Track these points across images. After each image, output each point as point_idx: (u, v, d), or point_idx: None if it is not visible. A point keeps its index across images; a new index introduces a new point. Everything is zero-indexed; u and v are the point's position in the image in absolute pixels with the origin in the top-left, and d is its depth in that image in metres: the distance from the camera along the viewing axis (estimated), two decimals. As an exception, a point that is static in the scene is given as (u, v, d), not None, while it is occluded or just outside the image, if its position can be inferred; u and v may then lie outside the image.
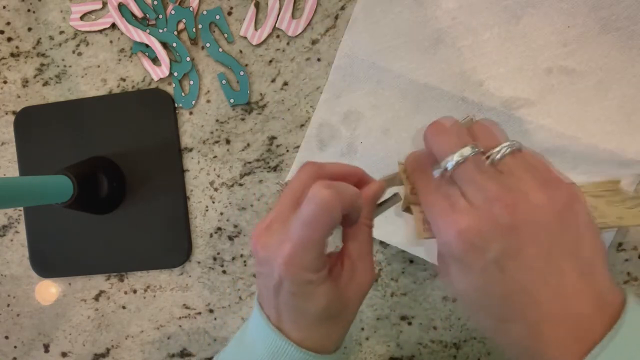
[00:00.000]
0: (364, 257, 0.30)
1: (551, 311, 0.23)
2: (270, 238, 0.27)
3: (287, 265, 0.26)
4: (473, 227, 0.24)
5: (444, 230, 0.25)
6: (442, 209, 0.25)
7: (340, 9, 0.48)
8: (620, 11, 0.42)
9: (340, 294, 0.28)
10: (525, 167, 0.25)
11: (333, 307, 0.28)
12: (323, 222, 0.26)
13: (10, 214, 0.56)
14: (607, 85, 0.43)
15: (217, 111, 0.50)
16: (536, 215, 0.23)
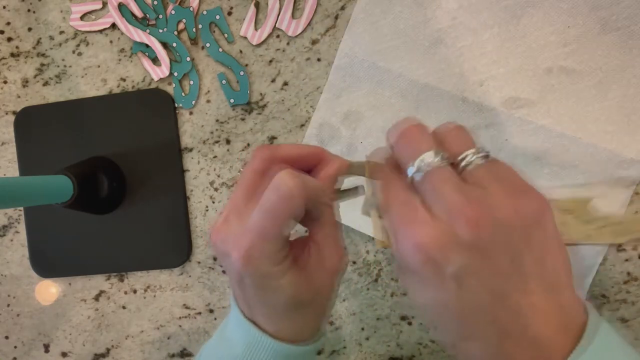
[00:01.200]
0: (329, 240, 0.28)
1: (512, 332, 0.22)
2: (228, 231, 0.26)
3: (245, 259, 0.25)
4: (432, 240, 0.22)
5: (401, 241, 0.23)
6: (401, 218, 0.24)
7: (340, 9, 0.48)
8: (620, 11, 0.42)
9: (308, 281, 0.27)
10: (494, 177, 0.23)
11: (302, 296, 0.27)
12: (284, 212, 0.25)
13: (10, 214, 0.56)
14: (607, 86, 0.43)
15: (217, 111, 0.50)
16: (500, 232, 0.22)
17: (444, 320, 0.24)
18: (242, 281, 0.26)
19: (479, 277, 0.22)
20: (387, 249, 0.48)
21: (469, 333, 0.23)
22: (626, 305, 0.44)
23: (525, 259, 0.22)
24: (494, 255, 0.22)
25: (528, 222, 0.22)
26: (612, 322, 0.45)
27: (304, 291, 0.27)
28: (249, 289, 0.27)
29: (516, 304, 0.22)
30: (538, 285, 0.22)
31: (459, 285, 0.22)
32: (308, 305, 0.28)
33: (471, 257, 0.22)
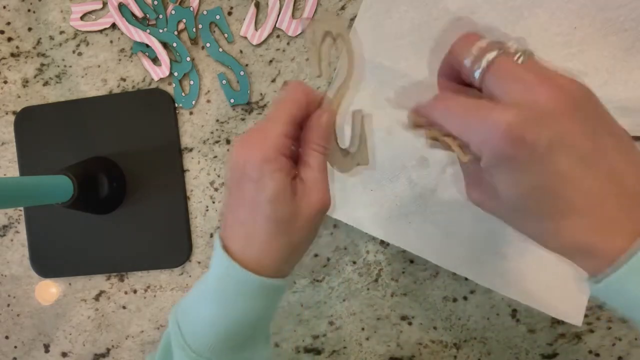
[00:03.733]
0: (316, 183, 0.30)
1: (604, 193, 0.23)
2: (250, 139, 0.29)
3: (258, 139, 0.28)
4: (519, 119, 0.23)
5: (489, 133, 0.23)
6: (481, 113, 0.24)
7: (341, 8, 0.48)
8: (627, 12, 0.42)
9: (291, 194, 0.29)
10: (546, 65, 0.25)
11: (283, 212, 0.28)
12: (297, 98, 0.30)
13: (10, 214, 0.56)
14: (613, 87, 0.43)
15: (218, 111, 0.50)
16: (575, 99, 0.23)
17: (538, 203, 0.24)
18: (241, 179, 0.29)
19: (569, 146, 0.23)
20: (386, 249, 0.48)
21: (564, 209, 0.24)
22: (626, 305, 0.44)
23: (600, 122, 0.24)
24: (577, 122, 0.23)
25: (590, 92, 0.24)
26: (612, 322, 0.45)
27: (285, 199, 0.28)
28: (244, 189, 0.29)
29: (604, 165, 0.23)
30: (614, 147, 0.24)
31: (552, 161, 0.23)
32: (284, 228, 0.29)
33: (558, 127, 0.23)
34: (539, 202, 0.24)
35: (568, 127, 0.23)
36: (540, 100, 0.23)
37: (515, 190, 0.25)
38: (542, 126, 0.23)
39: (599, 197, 0.23)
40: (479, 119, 0.24)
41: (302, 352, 0.50)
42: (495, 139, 0.23)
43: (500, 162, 0.24)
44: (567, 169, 0.23)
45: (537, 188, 0.24)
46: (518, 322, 0.46)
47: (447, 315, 0.47)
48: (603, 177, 0.23)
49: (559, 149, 0.23)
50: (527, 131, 0.23)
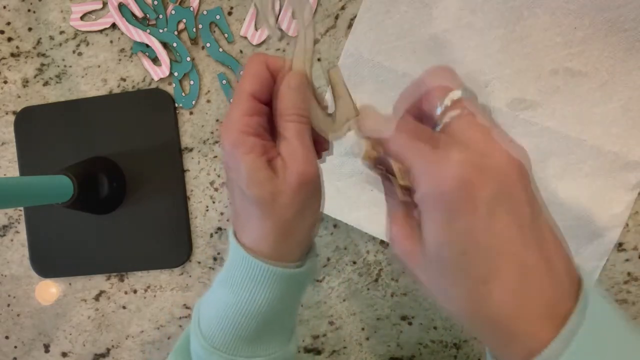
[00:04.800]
0: (294, 154, 0.28)
1: (537, 269, 0.22)
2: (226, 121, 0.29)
3: (225, 126, 0.28)
4: (471, 164, 0.22)
5: (437, 170, 0.23)
6: (434, 148, 0.24)
7: (341, 9, 0.48)
8: (627, 13, 0.42)
9: (268, 174, 0.27)
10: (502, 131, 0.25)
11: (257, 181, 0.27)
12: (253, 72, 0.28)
13: (10, 214, 0.56)
14: (613, 87, 0.43)
15: (218, 111, 0.50)
16: (523, 168, 0.23)
17: (468, 259, 0.23)
18: (229, 178, 0.29)
19: (509, 204, 0.22)
20: (387, 250, 0.48)
21: (492, 271, 0.23)
22: (626, 305, 0.44)
23: (537, 206, 0.23)
24: (519, 193, 0.23)
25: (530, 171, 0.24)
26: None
27: (265, 189, 0.27)
28: (233, 188, 0.29)
29: (540, 245, 0.23)
30: (546, 222, 0.23)
31: (490, 215, 0.22)
32: (269, 211, 0.28)
33: (501, 186, 0.22)
34: (467, 256, 0.23)
35: (514, 190, 0.23)
36: (496, 156, 0.23)
37: (443, 236, 0.23)
38: (492, 179, 0.22)
39: (532, 271, 0.22)
40: (432, 155, 0.23)
41: (302, 352, 0.50)
42: (444, 172, 0.22)
43: (439, 198, 0.23)
44: (504, 230, 0.22)
45: (469, 241, 0.22)
46: (518, 322, 0.46)
47: (447, 315, 0.47)
48: (537, 252, 0.23)
49: (501, 206, 0.22)
50: (477, 176, 0.22)
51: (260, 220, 0.28)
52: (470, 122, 0.24)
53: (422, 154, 0.24)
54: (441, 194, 0.22)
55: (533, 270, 0.22)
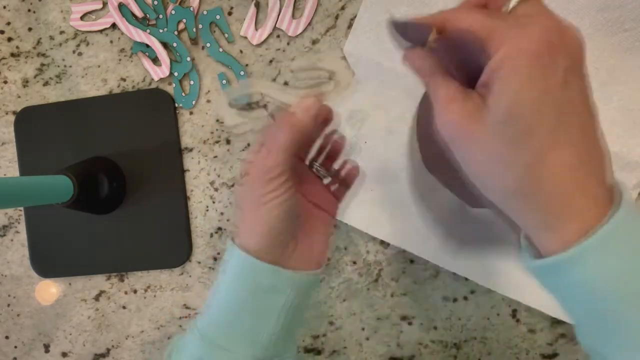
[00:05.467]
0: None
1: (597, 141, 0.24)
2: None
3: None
4: (558, 28, 0.23)
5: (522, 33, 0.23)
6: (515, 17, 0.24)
7: (341, 9, 0.48)
8: (627, 13, 0.42)
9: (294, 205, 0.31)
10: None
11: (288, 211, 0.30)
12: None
13: (10, 214, 0.56)
14: (613, 87, 0.43)
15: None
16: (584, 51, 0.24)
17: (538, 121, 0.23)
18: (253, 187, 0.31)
19: (580, 79, 0.23)
20: (387, 250, 0.48)
21: (559, 137, 0.23)
22: (626, 305, 0.44)
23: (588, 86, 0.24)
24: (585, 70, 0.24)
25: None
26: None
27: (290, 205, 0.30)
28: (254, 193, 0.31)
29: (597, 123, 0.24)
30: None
31: (565, 82, 0.23)
32: (289, 225, 0.31)
33: (576, 58, 0.23)
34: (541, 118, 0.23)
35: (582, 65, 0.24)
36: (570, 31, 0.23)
37: (520, 97, 0.22)
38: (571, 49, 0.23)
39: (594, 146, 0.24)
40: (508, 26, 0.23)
41: (302, 352, 0.50)
42: (530, 34, 0.22)
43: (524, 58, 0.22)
44: (576, 99, 0.23)
45: (546, 102, 0.23)
46: (518, 322, 0.46)
47: (447, 315, 0.47)
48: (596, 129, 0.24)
49: (575, 77, 0.23)
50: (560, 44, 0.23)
51: (277, 229, 0.31)
52: (542, 7, 0.24)
53: (502, 20, 0.23)
54: (527, 54, 0.22)
55: (594, 146, 0.23)
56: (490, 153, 0.24)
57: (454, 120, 0.24)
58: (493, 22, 0.23)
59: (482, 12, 0.24)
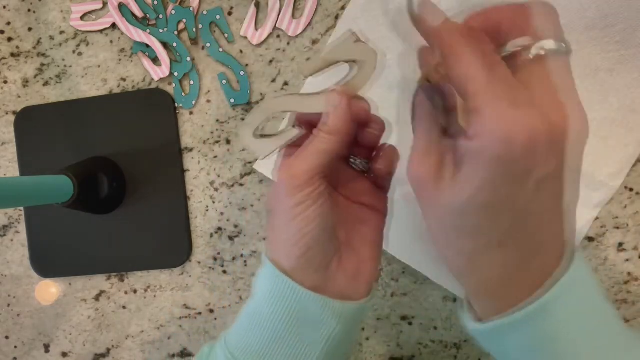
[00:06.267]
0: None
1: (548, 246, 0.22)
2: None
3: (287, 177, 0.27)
4: (548, 133, 0.20)
5: (511, 124, 0.20)
6: (511, 98, 0.20)
7: (341, 9, 0.48)
8: (613, 34, 0.42)
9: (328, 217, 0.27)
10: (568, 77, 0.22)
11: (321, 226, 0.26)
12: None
13: (10, 214, 0.56)
14: (590, 106, 0.43)
15: (218, 111, 0.50)
16: (585, 142, 0.22)
17: (491, 224, 0.22)
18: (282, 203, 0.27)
19: (554, 188, 0.22)
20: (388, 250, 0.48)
21: (509, 240, 0.22)
22: (627, 305, 0.44)
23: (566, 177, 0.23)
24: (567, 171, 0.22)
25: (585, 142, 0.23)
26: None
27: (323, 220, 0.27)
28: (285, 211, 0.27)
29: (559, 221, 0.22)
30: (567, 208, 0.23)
31: (536, 191, 0.21)
32: (323, 239, 0.27)
33: (560, 164, 0.21)
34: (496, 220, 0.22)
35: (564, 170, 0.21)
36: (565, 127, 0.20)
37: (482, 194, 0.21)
38: (554, 157, 0.21)
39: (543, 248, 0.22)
40: (510, 103, 0.20)
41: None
42: (512, 135, 0.20)
43: (496, 159, 0.20)
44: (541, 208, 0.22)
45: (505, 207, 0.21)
46: (518, 322, 0.46)
47: (447, 315, 0.47)
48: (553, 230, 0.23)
49: (549, 184, 0.21)
50: (543, 152, 0.20)
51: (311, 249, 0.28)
52: (552, 79, 0.21)
53: (496, 99, 0.20)
54: (501, 157, 0.20)
55: (544, 247, 0.22)
56: (440, 227, 0.24)
57: (422, 176, 0.23)
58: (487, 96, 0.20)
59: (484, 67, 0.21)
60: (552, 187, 0.21)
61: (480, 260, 0.23)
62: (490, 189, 0.21)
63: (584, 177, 0.42)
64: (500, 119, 0.20)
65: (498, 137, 0.20)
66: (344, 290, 0.28)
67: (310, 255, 0.27)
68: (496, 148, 0.20)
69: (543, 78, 0.21)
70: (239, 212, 0.51)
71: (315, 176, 0.26)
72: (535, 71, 0.22)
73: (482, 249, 0.23)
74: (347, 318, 0.28)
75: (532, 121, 0.20)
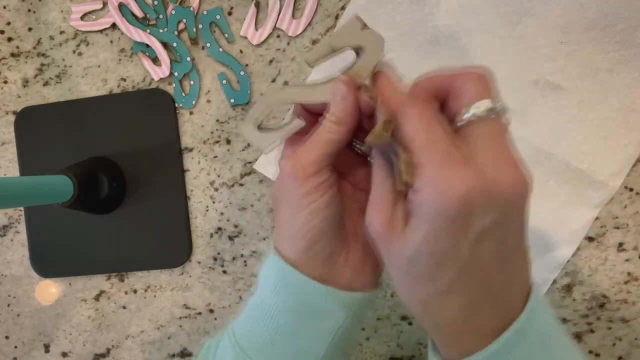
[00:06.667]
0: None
1: (496, 295, 0.23)
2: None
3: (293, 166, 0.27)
4: (483, 190, 0.21)
5: (447, 182, 0.21)
6: (450, 156, 0.22)
7: (341, 9, 0.48)
8: (613, 34, 0.42)
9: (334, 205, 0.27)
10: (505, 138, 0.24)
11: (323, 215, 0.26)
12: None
13: (10, 214, 0.56)
14: (590, 106, 0.43)
15: (218, 111, 0.50)
16: (527, 193, 0.23)
17: (438, 272, 0.23)
18: (289, 192, 0.26)
19: (497, 239, 0.22)
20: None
21: (457, 287, 0.23)
22: (626, 305, 0.44)
23: (523, 231, 0.24)
24: (515, 221, 0.23)
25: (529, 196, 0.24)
26: (613, 322, 0.45)
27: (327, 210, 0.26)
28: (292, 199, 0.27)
29: (511, 270, 0.23)
30: (524, 257, 0.24)
31: (477, 242, 0.22)
32: (324, 232, 0.27)
33: (500, 217, 0.22)
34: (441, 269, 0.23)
35: (510, 222, 0.23)
36: (507, 182, 0.22)
37: (426, 245, 0.22)
38: (495, 210, 0.22)
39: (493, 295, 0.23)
40: (447, 161, 0.22)
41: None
42: (451, 190, 0.21)
43: (436, 213, 0.22)
44: (484, 258, 0.23)
45: (448, 257, 0.22)
46: (518, 322, 0.46)
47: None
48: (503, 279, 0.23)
49: (492, 235, 0.22)
50: (481, 205, 0.21)
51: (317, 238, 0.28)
52: (492, 135, 0.23)
53: (436, 157, 0.22)
54: (440, 211, 0.22)
55: (494, 295, 0.23)
56: (397, 273, 0.25)
57: (376, 227, 0.24)
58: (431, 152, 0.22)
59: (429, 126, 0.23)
60: (496, 238, 0.22)
61: (432, 306, 0.24)
62: (433, 239, 0.22)
63: (584, 177, 0.43)
64: (438, 176, 0.22)
65: (435, 194, 0.22)
66: (351, 281, 0.28)
67: (317, 247, 0.27)
68: (435, 202, 0.22)
69: (482, 137, 0.23)
70: (239, 212, 0.51)
71: (324, 167, 0.26)
72: (474, 130, 0.23)
73: (432, 295, 0.24)
74: (354, 309, 0.28)
75: (466, 179, 0.21)
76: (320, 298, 0.27)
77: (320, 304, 0.27)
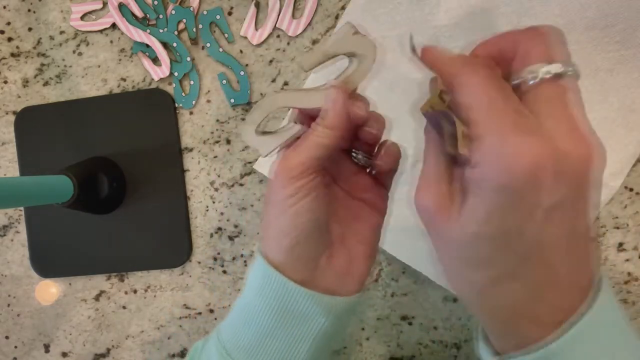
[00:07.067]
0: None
1: (562, 280, 0.21)
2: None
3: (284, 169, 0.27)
4: (553, 160, 0.19)
5: (513, 152, 0.19)
6: (514, 124, 0.20)
7: (341, 8, 0.48)
8: (613, 34, 0.42)
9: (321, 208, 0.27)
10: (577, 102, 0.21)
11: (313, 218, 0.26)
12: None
13: (10, 214, 0.56)
14: (589, 106, 0.43)
15: (218, 111, 0.50)
16: (598, 170, 0.21)
17: (499, 255, 0.21)
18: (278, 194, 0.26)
19: (565, 218, 0.20)
20: (387, 249, 0.48)
21: (519, 272, 0.21)
22: (627, 305, 0.44)
23: (588, 210, 0.21)
24: (584, 198, 0.21)
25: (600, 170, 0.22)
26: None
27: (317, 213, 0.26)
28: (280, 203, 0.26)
29: (577, 254, 0.21)
30: (587, 240, 0.22)
31: (545, 222, 0.20)
32: (313, 232, 0.27)
33: (570, 193, 0.20)
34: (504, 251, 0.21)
35: (578, 199, 0.20)
36: (576, 155, 0.20)
37: (488, 225, 0.20)
38: (563, 185, 0.20)
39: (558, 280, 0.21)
40: (514, 130, 0.19)
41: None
42: (517, 164, 0.19)
43: (500, 190, 0.20)
44: (551, 239, 0.21)
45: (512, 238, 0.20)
46: (518, 322, 0.46)
47: (448, 316, 0.47)
48: (570, 263, 0.21)
49: (560, 213, 0.20)
50: (550, 180, 0.19)
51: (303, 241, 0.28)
52: (562, 103, 0.21)
53: (499, 126, 0.20)
54: (503, 186, 0.19)
55: (559, 281, 0.21)
56: (449, 258, 0.23)
57: (428, 206, 0.23)
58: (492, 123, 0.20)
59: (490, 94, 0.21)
60: (564, 216, 0.20)
61: (491, 293, 0.22)
62: (495, 220, 0.20)
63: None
64: (501, 147, 0.19)
65: (499, 166, 0.19)
66: (334, 286, 0.28)
67: (300, 248, 0.26)
68: (497, 178, 0.20)
69: (551, 103, 0.21)
70: (239, 212, 0.51)
71: (309, 168, 0.26)
72: (542, 96, 0.21)
73: (492, 281, 0.22)
74: (336, 313, 0.27)
75: (535, 148, 0.19)
76: (302, 301, 0.27)
77: (301, 307, 0.27)
